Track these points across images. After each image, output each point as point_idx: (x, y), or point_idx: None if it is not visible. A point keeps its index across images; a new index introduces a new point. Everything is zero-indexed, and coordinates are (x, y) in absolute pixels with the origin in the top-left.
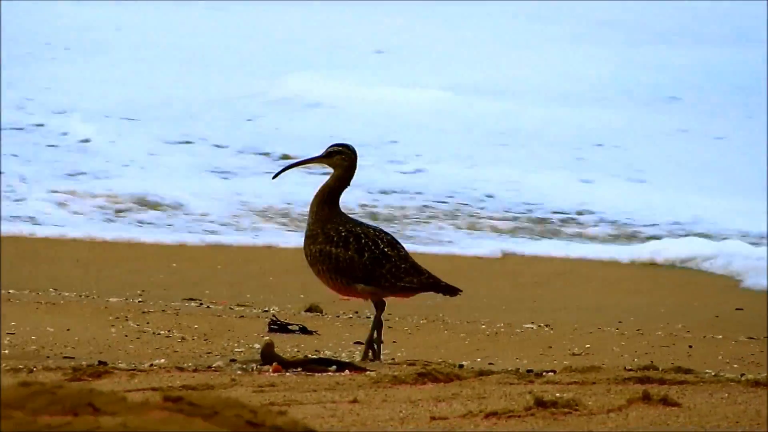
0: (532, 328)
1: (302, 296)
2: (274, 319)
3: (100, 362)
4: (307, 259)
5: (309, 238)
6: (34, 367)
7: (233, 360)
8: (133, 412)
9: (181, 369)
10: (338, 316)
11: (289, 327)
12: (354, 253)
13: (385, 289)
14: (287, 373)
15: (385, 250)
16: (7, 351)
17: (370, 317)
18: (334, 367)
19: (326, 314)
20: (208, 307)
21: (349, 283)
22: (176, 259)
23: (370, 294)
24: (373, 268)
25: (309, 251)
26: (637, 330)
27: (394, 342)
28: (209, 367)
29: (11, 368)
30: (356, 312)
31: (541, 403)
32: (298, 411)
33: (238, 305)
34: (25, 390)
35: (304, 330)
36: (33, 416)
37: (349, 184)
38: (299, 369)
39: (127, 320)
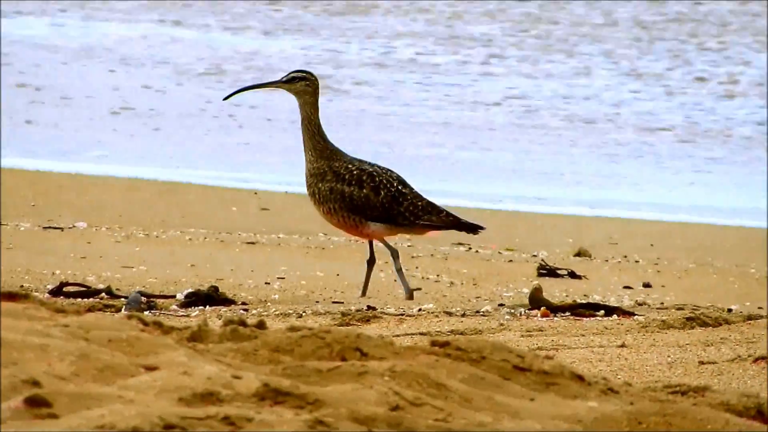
0: None
1: (570, 240)
2: (543, 263)
3: (368, 307)
4: (313, 198)
5: (315, 176)
6: (303, 311)
7: (501, 304)
8: (401, 357)
9: (449, 314)
10: (607, 261)
11: (558, 271)
12: (370, 192)
13: (401, 226)
14: (555, 318)
15: (399, 188)
16: (276, 296)
17: (639, 261)
18: (603, 311)
19: (595, 258)
20: (476, 251)
21: (362, 221)
22: (444, 206)
23: (383, 233)
24: (390, 206)
25: (317, 190)
26: None
27: (663, 286)
28: (477, 311)
29: (280, 313)
30: (625, 256)
31: None
32: (566, 355)
33: (507, 250)
34: (294, 334)
35: (572, 274)
36: (301, 360)
37: (318, 110)
38: (567, 313)
39: None
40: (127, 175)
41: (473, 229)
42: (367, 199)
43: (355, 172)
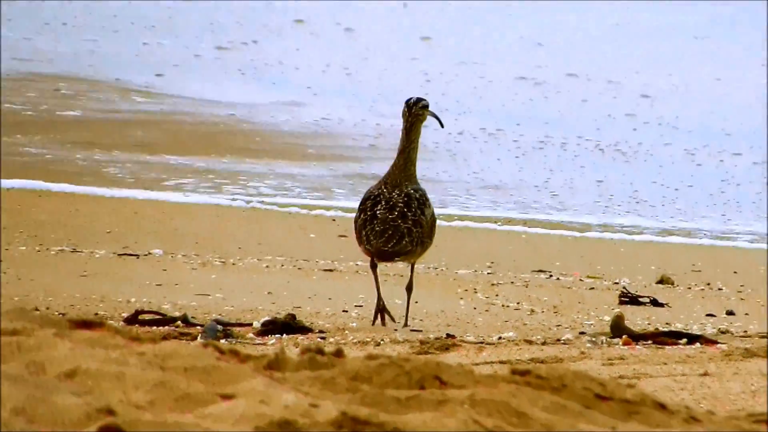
0: None
1: (653, 268)
2: (625, 291)
3: (448, 335)
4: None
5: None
6: (382, 339)
7: (583, 333)
8: (481, 385)
9: (530, 342)
10: (689, 288)
11: (640, 299)
12: (356, 215)
13: (363, 251)
14: (637, 346)
15: (377, 212)
16: (354, 324)
17: (722, 289)
18: (685, 339)
19: (677, 286)
20: (557, 279)
21: (360, 244)
22: (525, 231)
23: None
24: (359, 230)
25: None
26: None
27: (746, 314)
28: (558, 339)
29: (358, 341)
30: (708, 284)
31: None
32: (648, 384)
33: (589, 277)
34: (373, 363)
35: (654, 302)
36: (380, 389)
37: (410, 139)
38: (649, 341)
39: (476, 292)
40: (205, 202)
41: (383, 256)
42: (354, 223)
43: (364, 197)
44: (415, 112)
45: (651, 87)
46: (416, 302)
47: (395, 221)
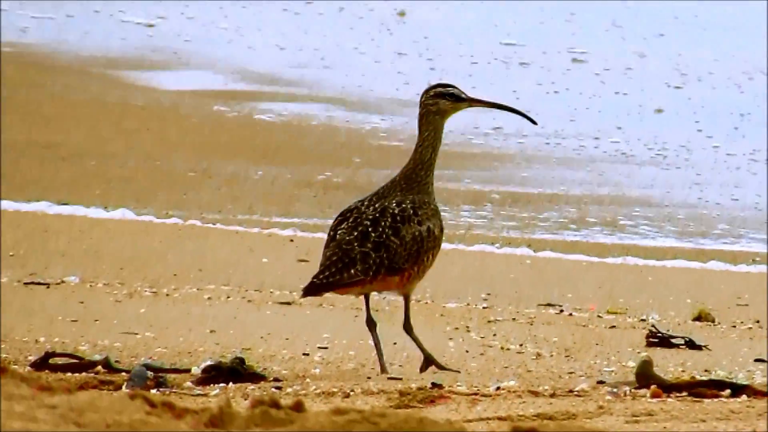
0: None
1: (689, 301)
2: (654, 329)
3: (433, 384)
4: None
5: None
6: (352, 390)
7: (601, 381)
8: None
9: (536, 393)
10: (734, 326)
11: (673, 340)
12: None
13: None
14: (669, 399)
15: (338, 232)
16: (317, 370)
17: None
18: (729, 390)
19: (719, 323)
20: (570, 314)
21: None
22: (529, 256)
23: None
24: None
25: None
26: None
27: None
28: (571, 390)
29: (322, 391)
30: (757, 321)
31: None
32: None
33: (609, 312)
34: (340, 418)
35: (690, 344)
36: None
37: (420, 136)
38: (684, 393)
39: (468, 331)
40: (131, 217)
41: (308, 291)
42: None
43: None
44: (425, 101)
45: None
46: (394, 343)
47: (350, 244)
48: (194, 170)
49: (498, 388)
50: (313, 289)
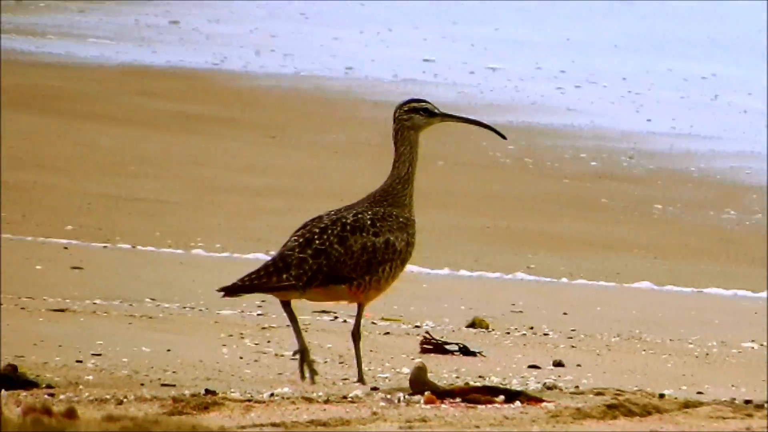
0: (753, 347)
1: (463, 308)
2: (428, 336)
3: (207, 391)
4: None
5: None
6: (125, 397)
7: (375, 388)
8: None
9: (309, 400)
10: (508, 333)
11: (447, 346)
12: None
13: None
14: (443, 405)
15: (291, 239)
16: (91, 377)
17: (549, 334)
18: (503, 396)
19: (493, 330)
20: (344, 321)
21: None
22: None
23: None
24: None
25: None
26: None
27: (578, 365)
28: (345, 397)
29: (96, 398)
30: (531, 328)
31: None
32: None
33: (383, 320)
34: (113, 425)
35: (465, 350)
36: None
37: (397, 152)
38: (458, 399)
39: (242, 338)
40: None
41: (228, 291)
42: None
43: None
44: (399, 116)
45: None
46: (168, 350)
47: (292, 250)
48: None
49: (272, 395)
50: (232, 290)
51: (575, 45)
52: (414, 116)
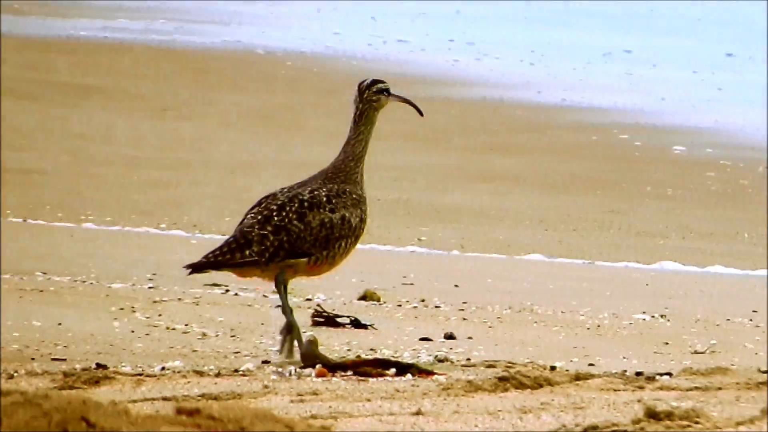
0: (644, 319)
1: (354, 280)
2: (319, 309)
3: (98, 365)
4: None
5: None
6: (15, 371)
7: (266, 361)
8: (138, 428)
9: (201, 373)
10: (400, 306)
11: (338, 319)
12: None
13: None
14: (334, 378)
15: (247, 217)
16: None
17: (440, 306)
18: (394, 369)
19: (385, 303)
20: (236, 294)
21: None
22: (195, 236)
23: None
24: None
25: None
26: None
27: (469, 338)
28: (236, 370)
29: None
30: (423, 300)
31: (653, 415)
32: (348, 425)
33: (274, 293)
34: (3, 400)
35: (356, 323)
36: None
37: (357, 130)
38: (349, 372)
39: (134, 311)
40: None
41: (194, 267)
42: None
43: None
44: (368, 97)
45: None
46: (59, 324)
47: (251, 227)
48: None
49: (163, 369)
50: (198, 267)
51: (465, 17)
52: (381, 96)
